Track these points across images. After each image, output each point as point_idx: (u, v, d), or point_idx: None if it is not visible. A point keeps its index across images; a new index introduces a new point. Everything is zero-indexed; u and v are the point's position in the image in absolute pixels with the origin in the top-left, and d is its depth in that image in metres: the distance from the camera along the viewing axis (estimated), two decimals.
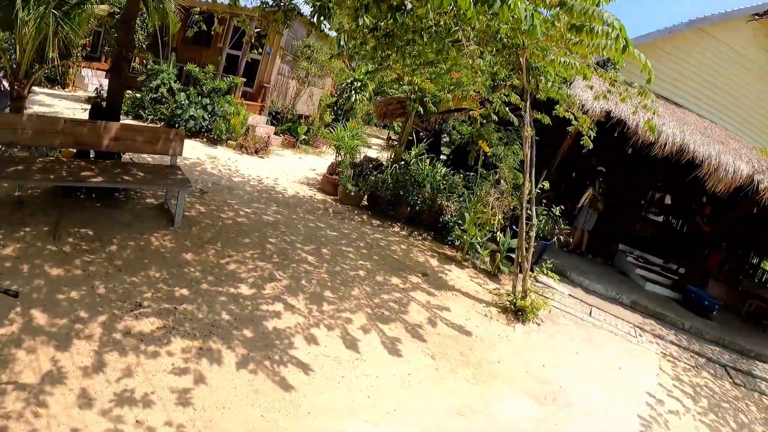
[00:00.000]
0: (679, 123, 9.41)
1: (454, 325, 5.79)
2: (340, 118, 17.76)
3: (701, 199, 11.65)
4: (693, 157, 8.77)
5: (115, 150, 6.46)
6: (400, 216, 9.64)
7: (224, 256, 5.80)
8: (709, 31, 11.92)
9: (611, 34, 3.75)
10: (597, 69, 6.59)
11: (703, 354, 7.46)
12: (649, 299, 9.10)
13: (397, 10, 3.99)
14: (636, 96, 5.92)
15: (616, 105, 8.41)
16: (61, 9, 9.01)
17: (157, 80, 13.31)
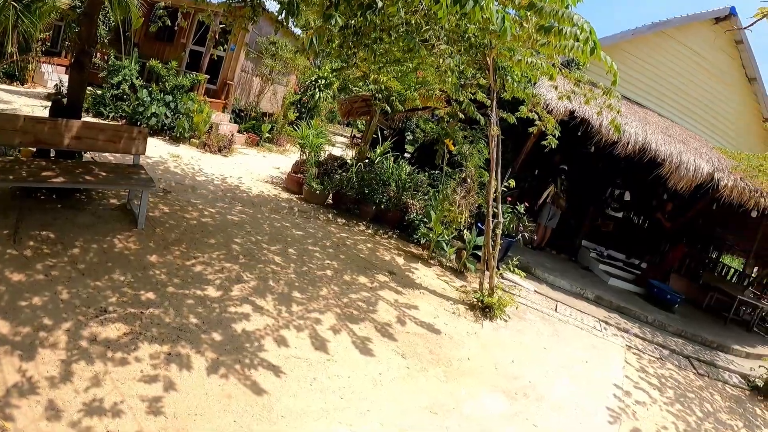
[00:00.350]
0: (642, 122, 9.62)
1: (423, 323, 5.81)
2: (304, 116, 17.65)
3: (662, 196, 11.91)
4: (655, 155, 8.98)
5: (76, 149, 6.29)
6: (366, 215, 9.63)
7: (190, 257, 5.70)
8: (672, 34, 12.26)
9: (580, 36, 3.78)
10: (562, 69, 6.66)
11: (666, 346, 7.63)
12: (612, 294, 9.28)
13: (368, 8, 3.95)
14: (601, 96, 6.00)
15: (580, 105, 8.54)
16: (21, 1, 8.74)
17: (119, 76, 13.00)
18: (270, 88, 17.44)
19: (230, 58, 15.68)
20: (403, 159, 11.46)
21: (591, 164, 11.97)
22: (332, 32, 5.03)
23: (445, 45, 5.51)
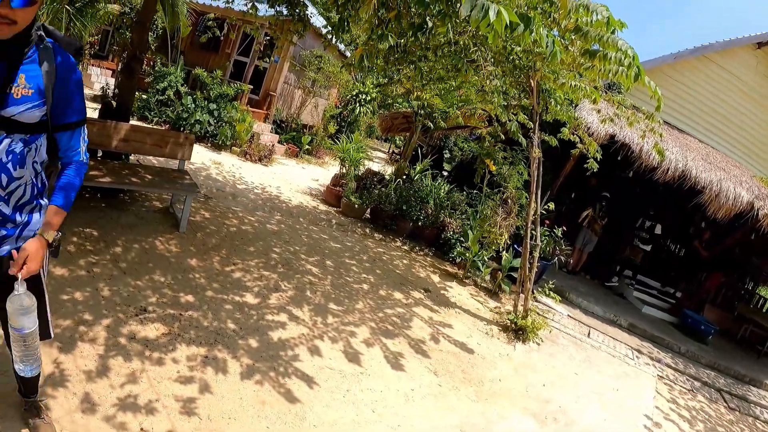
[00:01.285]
0: (682, 148, 9.46)
1: (457, 342, 5.77)
2: (344, 129, 17.80)
3: (700, 224, 11.69)
4: (695, 182, 8.81)
5: (123, 151, 6.43)
6: (403, 231, 9.64)
7: (229, 263, 5.77)
8: (714, 58, 12.02)
9: (624, 61, 3.76)
10: (605, 92, 6.62)
11: (698, 378, 7.46)
12: (646, 322, 9.11)
13: (419, 29, 3.99)
14: (643, 120, 5.94)
15: (621, 129, 8.45)
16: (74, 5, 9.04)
17: (165, 82, 13.30)
18: (311, 101, 17.62)
19: (274, 69, 15.89)
20: (441, 177, 11.46)
21: (629, 189, 11.82)
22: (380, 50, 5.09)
23: (492, 66, 5.52)
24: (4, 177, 1.99)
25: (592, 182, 10.80)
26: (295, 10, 6.49)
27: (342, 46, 14.64)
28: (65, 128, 2.12)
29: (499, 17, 2.51)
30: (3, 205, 2.05)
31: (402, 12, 4.10)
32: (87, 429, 2.89)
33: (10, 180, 2.02)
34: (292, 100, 17.27)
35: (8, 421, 2.77)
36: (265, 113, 15.77)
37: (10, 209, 2.08)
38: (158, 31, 14.71)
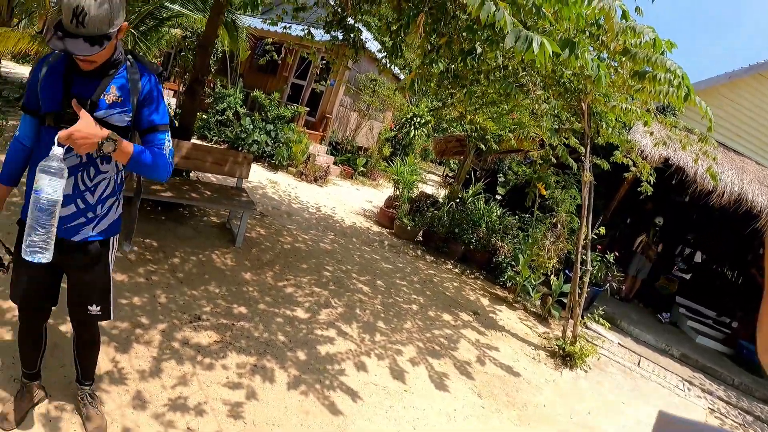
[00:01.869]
0: (738, 171, 9.22)
1: (503, 365, 5.75)
2: (398, 152, 17.98)
3: (758, 250, 11.31)
4: (751, 206, 8.57)
5: (184, 168, 6.71)
6: (454, 253, 9.67)
7: (282, 279, 5.94)
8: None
9: (673, 81, 3.76)
10: (657, 115, 6.55)
11: (751, 411, 7.19)
12: (699, 353, 8.82)
13: (468, 54, 4.09)
14: (696, 143, 5.86)
15: (674, 151, 8.31)
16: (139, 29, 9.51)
17: (224, 104, 13.79)
18: (366, 124, 17.89)
19: (330, 92, 16.23)
20: (494, 200, 11.46)
21: (684, 214, 11.55)
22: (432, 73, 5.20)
23: (541, 90, 5.57)
24: (92, 170, 2.34)
25: (648, 207, 10.62)
26: (351, 36, 6.67)
27: (396, 70, 14.87)
28: (151, 131, 2.43)
29: (542, 48, 2.59)
30: (88, 195, 2.37)
31: (453, 38, 4.22)
32: (136, 424, 3.05)
33: (97, 173, 2.37)
34: (347, 122, 17.57)
35: (65, 411, 2.96)
36: (321, 135, 16.09)
37: (94, 200, 2.40)
38: (218, 55, 15.26)
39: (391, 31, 4.83)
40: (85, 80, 2.28)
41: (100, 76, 2.29)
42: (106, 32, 2.11)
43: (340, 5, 6.47)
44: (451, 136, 12.86)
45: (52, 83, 2.27)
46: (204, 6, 9.27)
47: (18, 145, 2.46)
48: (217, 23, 6.98)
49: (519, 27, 2.65)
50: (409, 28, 3.89)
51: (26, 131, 2.45)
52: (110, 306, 2.73)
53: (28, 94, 2.36)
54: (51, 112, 2.27)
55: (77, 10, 2.00)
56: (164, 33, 10.81)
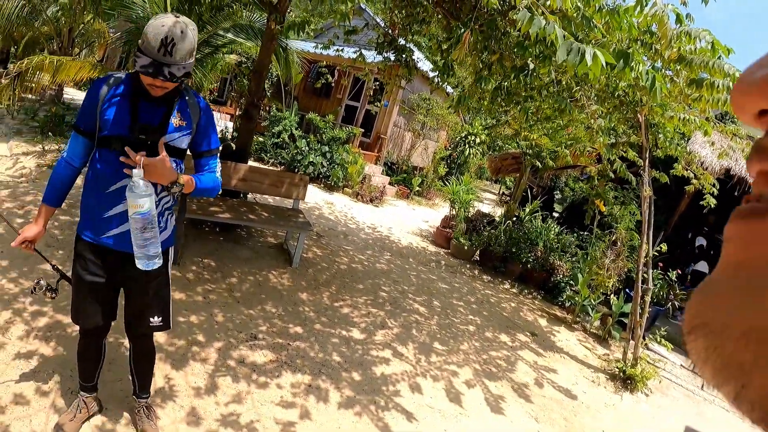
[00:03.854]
0: None
1: (561, 388, 5.60)
2: (453, 171, 17.92)
3: None
4: None
5: (241, 190, 6.84)
6: (511, 273, 9.52)
7: (338, 299, 5.97)
8: None
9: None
10: (717, 123, 6.31)
11: None
12: None
13: (520, 71, 4.06)
14: None
15: (736, 162, 8.00)
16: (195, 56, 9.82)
17: (280, 126, 14.07)
18: (421, 143, 17.92)
19: (384, 113, 16.35)
20: (551, 218, 11.27)
21: None
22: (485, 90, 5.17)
23: (596, 105, 5.45)
24: (159, 187, 2.47)
25: (710, 221, 10.24)
26: (402, 56, 6.72)
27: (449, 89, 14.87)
28: (205, 154, 2.70)
29: (595, 61, 2.54)
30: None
31: (504, 54, 4.19)
32: None
33: (162, 190, 2.50)
34: (402, 142, 17.64)
35: (120, 425, 3.05)
36: (376, 155, 16.19)
37: (158, 212, 2.50)
38: (273, 79, 15.60)
39: (442, 50, 4.84)
40: (151, 106, 2.44)
41: (165, 102, 2.47)
42: (188, 62, 2.35)
43: (390, 27, 6.53)
44: (506, 154, 12.75)
45: (119, 107, 2.39)
46: (256, 33, 9.50)
47: (66, 165, 2.57)
48: (270, 49, 7.13)
49: (570, 39, 2.60)
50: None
51: (77, 152, 2.54)
52: (170, 316, 2.86)
53: (84, 115, 2.46)
54: (117, 135, 2.38)
55: (166, 41, 2.21)
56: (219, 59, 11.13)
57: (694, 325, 0.33)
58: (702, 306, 0.34)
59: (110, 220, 2.48)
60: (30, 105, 11.97)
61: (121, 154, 2.34)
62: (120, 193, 2.42)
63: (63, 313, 4.03)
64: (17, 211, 5.91)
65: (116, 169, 2.39)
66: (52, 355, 3.53)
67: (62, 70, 8.31)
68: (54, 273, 2.78)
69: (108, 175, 2.42)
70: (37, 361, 3.43)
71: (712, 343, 0.31)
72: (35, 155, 8.46)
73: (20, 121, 10.87)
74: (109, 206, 2.47)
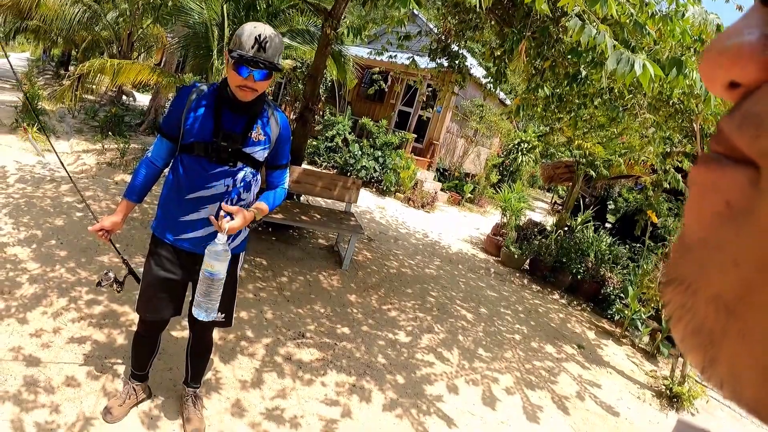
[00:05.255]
0: None
1: (604, 403, 5.48)
2: (505, 178, 17.80)
3: None
4: None
5: (295, 191, 6.97)
6: (561, 283, 9.40)
7: (386, 302, 6.03)
8: None
9: None
10: None
11: None
12: None
13: (573, 79, 4.04)
14: None
15: None
16: None
17: (333, 130, 14.28)
18: (474, 150, 17.88)
19: (436, 119, 16.38)
20: (603, 229, 11.08)
21: None
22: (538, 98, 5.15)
23: (649, 114, 5.36)
24: (236, 197, 2.59)
25: None
26: (455, 62, 6.75)
27: (502, 95, 14.82)
28: (279, 167, 2.81)
29: (644, 71, 2.52)
30: (228, 218, 2.50)
31: (557, 61, 4.18)
32: (233, 430, 3.20)
33: (239, 200, 2.60)
34: (454, 148, 17.62)
35: (166, 412, 3.18)
36: (429, 161, 16.22)
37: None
38: (327, 84, 15.80)
39: (495, 56, 4.85)
40: (234, 116, 2.56)
41: (247, 114, 2.58)
42: (278, 62, 2.46)
43: (444, 33, 6.57)
44: (559, 162, 12.61)
45: (203, 115, 2.54)
46: (312, 38, 9.67)
47: (150, 165, 2.69)
48: (325, 54, 7.26)
49: (621, 49, 2.60)
50: (513, 53, 3.90)
51: (160, 153, 2.69)
52: (233, 315, 3.01)
53: (170, 120, 2.61)
54: (200, 142, 2.53)
55: (260, 38, 2.36)
56: None
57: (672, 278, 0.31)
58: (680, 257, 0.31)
59: (187, 225, 2.63)
60: (90, 105, 12.43)
61: (203, 160, 2.53)
62: (199, 202, 2.58)
63: (117, 303, 4.21)
64: (77, 205, 6.18)
65: (196, 177, 2.55)
66: (105, 342, 3.70)
67: (122, 72, 8.63)
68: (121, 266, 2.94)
69: (189, 181, 2.56)
70: (91, 346, 3.60)
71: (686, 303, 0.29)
72: (95, 153, 8.80)
73: (81, 121, 11.32)
74: (186, 212, 2.60)
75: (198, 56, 9.35)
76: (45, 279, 4.31)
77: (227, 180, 2.56)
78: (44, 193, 6.42)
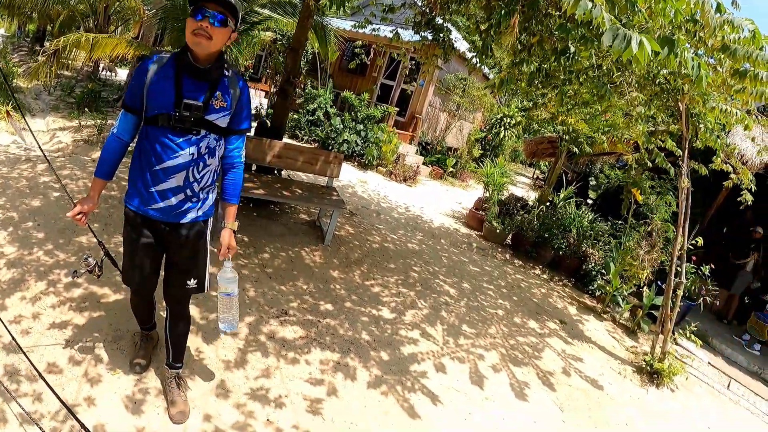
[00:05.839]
0: None
1: (587, 378, 5.53)
2: (488, 153, 17.79)
3: None
4: None
5: (275, 166, 6.88)
6: (543, 259, 9.44)
7: (369, 278, 6.01)
8: None
9: None
10: (759, 117, 6.08)
11: None
12: None
13: (561, 54, 3.97)
14: None
15: None
16: None
17: (315, 104, 14.13)
18: (456, 124, 17.80)
19: (419, 93, 16.27)
20: (585, 205, 11.12)
21: None
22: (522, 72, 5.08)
23: (636, 92, 5.32)
24: (201, 164, 2.71)
25: (748, 216, 9.93)
26: (439, 35, 6.64)
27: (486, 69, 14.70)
28: (236, 132, 2.85)
29: (641, 48, 2.47)
30: (195, 185, 2.74)
31: (544, 37, 4.11)
32: (218, 412, 3.17)
33: (204, 167, 2.74)
34: (437, 122, 17.54)
35: (149, 395, 3.14)
36: (411, 135, 16.14)
37: (199, 188, 2.77)
38: (308, 57, 15.60)
39: (481, 30, 4.76)
40: (195, 84, 2.59)
41: (208, 80, 2.61)
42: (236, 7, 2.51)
43: (428, 5, 6.45)
44: (542, 138, 12.59)
45: (164, 86, 2.56)
46: (293, 10, 9.48)
47: (116, 140, 2.74)
48: (306, 26, 7.12)
49: (617, 24, 2.54)
50: (501, 26, 3.82)
51: (126, 127, 2.72)
52: (205, 281, 3.13)
53: (131, 93, 2.63)
54: (163, 113, 2.56)
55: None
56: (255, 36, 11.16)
57: None
58: None
59: (157, 195, 2.68)
60: (66, 82, 12.15)
61: (168, 131, 2.58)
62: (167, 171, 2.63)
63: (97, 285, 4.13)
64: (54, 185, 6.02)
65: (163, 147, 2.60)
66: (85, 326, 3.62)
67: (98, 47, 8.42)
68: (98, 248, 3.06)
69: (155, 153, 2.61)
70: (72, 331, 3.52)
71: None
72: (71, 130, 8.61)
73: (57, 98, 11.06)
74: (156, 182, 2.66)
75: (176, 29, 9.11)
76: (23, 263, 4.19)
77: (192, 148, 2.64)
78: (20, 173, 6.24)
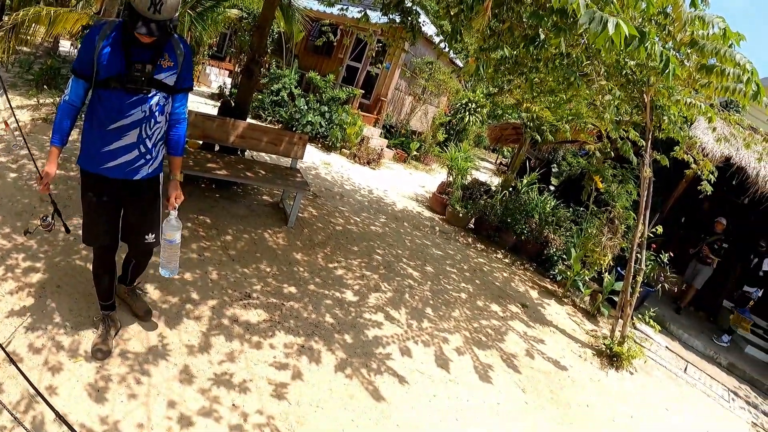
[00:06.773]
0: None
1: (549, 360, 5.64)
2: (452, 137, 17.83)
3: None
4: None
5: (239, 146, 6.77)
6: (505, 243, 9.54)
7: (333, 260, 5.98)
8: None
9: (742, 77, 3.55)
10: (721, 111, 6.22)
11: None
12: (747, 363, 8.36)
13: (531, 42, 3.97)
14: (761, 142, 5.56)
15: (737, 150, 7.92)
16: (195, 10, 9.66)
17: (279, 84, 13.93)
18: (421, 108, 17.78)
19: (385, 75, 16.18)
20: (548, 191, 11.24)
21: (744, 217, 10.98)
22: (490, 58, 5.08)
23: (605, 81, 5.37)
24: (153, 121, 2.95)
25: (705, 207, 10.18)
26: (408, 18, 6.60)
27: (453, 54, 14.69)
28: (182, 91, 3.09)
29: (617, 30, 2.49)
30: (148, 141, 2.99)
31: (514, 24, 4.11)
32: (182, 397, 3.13)
33: (155, 123, 2.98)
34: (402, 106, 17.49)
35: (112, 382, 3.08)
36: (376, 118, 16.07)
37: (151, 144, 3.02)
38: (274, 36, 15.38)
39: (451, 14, 4.73)
40: (142, 49, 2.79)
41: (154, 45, 2.81)
42: (173, 17, 2.67)
43: None
44: (506, 124, 12.68)
45: (113, 52, 2.75)
46: None
47: (70, 107, 2.88)
48: (273, 4, 6.99)
49: (593, 8, 2.55)
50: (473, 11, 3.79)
51: (78, 93, 2.87)
52: (159, 234, 3.30)
53: (82, 60, 2.78)
54: (115, 75, 2.77)
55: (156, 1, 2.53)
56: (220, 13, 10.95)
57: None
58: None
59: (111, 154, 2.91)
60: (25, 58, 11.74)
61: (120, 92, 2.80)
62: (120, 130, 2.87)
63: (54, 270, 4.00)
64: (11, 165, 5.77)
65: (115, 108, 2.82)
66: (45, 312, 3.51)
67: (59, 21, 8.19)
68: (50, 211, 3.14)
69: (108, 114, 2.83)
70: (31, 318, 3.40)
71: None
72: (30, 109, 8.31)
73: (15, 75, 10.67)
74: (109, 142, 2.88)
75: None
76: None
77: (143, 106, 2.87)
78: None
